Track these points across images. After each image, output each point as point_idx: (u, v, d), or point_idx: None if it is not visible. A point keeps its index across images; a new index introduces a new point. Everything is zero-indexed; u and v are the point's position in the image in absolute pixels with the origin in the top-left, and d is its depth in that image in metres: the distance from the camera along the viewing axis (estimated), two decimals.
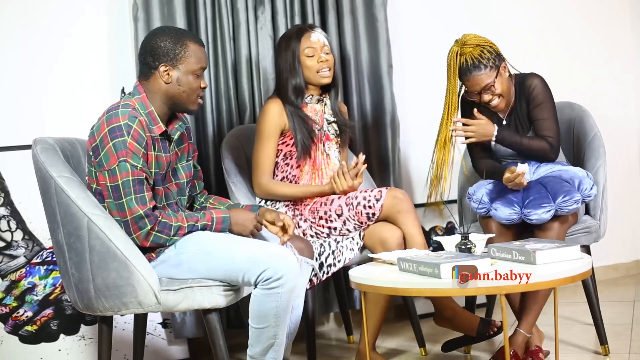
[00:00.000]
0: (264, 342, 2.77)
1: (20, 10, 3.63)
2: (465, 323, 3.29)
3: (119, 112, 2.77)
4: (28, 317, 3.50)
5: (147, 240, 2.77)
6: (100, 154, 2.75)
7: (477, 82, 3.33)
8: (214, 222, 2.86)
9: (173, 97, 2.85)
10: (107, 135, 2.74)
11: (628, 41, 4.96)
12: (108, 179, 2.74)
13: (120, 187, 2.73)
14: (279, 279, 2.71)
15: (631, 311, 4.05)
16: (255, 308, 2.76)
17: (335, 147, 3.59)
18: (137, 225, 2.75)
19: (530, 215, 3.21)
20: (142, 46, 2.87)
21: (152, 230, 2.77)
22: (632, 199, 4.94)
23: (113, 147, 2.72)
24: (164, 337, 3.71)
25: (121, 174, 2.73)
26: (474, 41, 3.35)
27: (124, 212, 2.75)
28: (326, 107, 3.58)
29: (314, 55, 3.48)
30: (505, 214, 3.26)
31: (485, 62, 3.31)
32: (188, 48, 2.83)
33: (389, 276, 2.84)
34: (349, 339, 3.98)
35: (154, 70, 2.83)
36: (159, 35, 2.85)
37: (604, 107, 4.64)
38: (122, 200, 2.74)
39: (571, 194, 3.22)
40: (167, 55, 2.82)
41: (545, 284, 2.71)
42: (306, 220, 3.40)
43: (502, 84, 3.35)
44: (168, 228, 2.79)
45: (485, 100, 3.37)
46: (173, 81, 2.83)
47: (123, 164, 2.72)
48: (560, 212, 3.22)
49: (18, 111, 3.61)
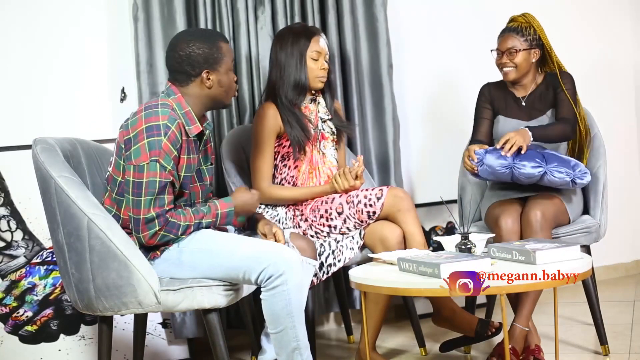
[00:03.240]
0: (287, 347, 2.75)
1: (20, 10, 3.63)
2: (464, 323, 3.29)
3: (159, 111, 2.78)
4: (28, 317, 3.50)
5: (154, 239, 2.78)
6: (132, 148, 2.75)
7: (506, 40, 3.53)
8: (218, 218, 2.87)
9: (215, 98, 2.91)
10: (143, 131, 2.74)
11: (628, 41, 4.96)
12: (133, 173, 2.74)
13: (144, 185, 2.73)
14: (280, 276, 2.71)
15: (631, 311, 4.05)
16: (267, 312, 2.75)
17: (332, 146, 3.60)
18: (146, 225, 2.75)
19: (520, 167, 3.30)
20: (174, 55, 2.87)
21: (160, 230, 2.77)
22: (632, 199, 4.94)
23: (147, 145, 2.73)
24: (164, 337, 3.71)
25: (148, 173, 2.73)
26: (531, 20, 3.55)
27: (138, 210, 2.75)
28: (320, 105, 3.59)
29: (318, 60, 3.49)
30: (496, 163, 3.34)
31: (523, 32, 3.52)
32: (221, 49, 2.88)
33: (389, 276, 2.84)
34: (349, 339, 3.99)
35: (194, 77, 2.86)
36: (191, 42, 2.86)
37: (604, 107, 4.64)
38: (141, 199, 2.74)
39: (565, 166, 3.33)
40: (207, 62, 2.85)
41: (545, 284, 2.70)
42: (307, 220, 3.40)
43: (525, 60, 3.52)
44: (176, 228, 2.79)
45: (502, 62, 3.54)
46: (215, 84, 2.88)
47: (153, 164, 2.73)
48: (547, 177, 3.30)
49: (18, 111, 3.62)
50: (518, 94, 3.61)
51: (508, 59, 3.52)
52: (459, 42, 4.50)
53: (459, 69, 4.48)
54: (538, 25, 3.55)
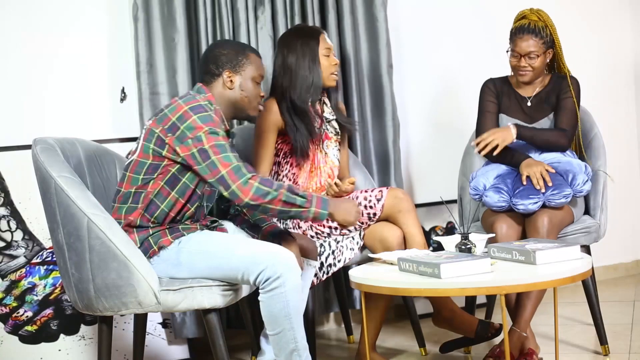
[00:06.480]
0: (285, 349, 2.75)
1: (20, 10, 3.63)
2: (464, 324, 3.29)
3: (197, 97, 2.88)
4: (28, 317, 3.50)
5: (249, 189, 2.75)
6: (181, 127, 2.77)
7: (526, 42, 3.45)
8: (313, 199, 2.84)
9: (235, 103, 2.96)
10: (188, 111, 2.79)
11: (628, 41, 4.96)
12: (192, 145, 2.76)
13: (208, 150, 2.76)
14: (278, 279, 2.71)
15: (631, 311, 4.05)
16: (265, 314, 2.76)
17: (335, 146, 3.59)
18: (235, 175, 2.75)
19: (518, 205, 3.31)
20: (204, 56, 3.00)
21: (253, 180, 2.76)
22: (632, 199, 4.94)
23: (198, 119, 2.78)
24: (164, 337, 3.71)
25: (208, 139, 2.76)
26: (545, 19, 3.50)
27: (216, 169, 2.76)
28: (325, 105, 3.58)
29: (329, 56, 3.49)
30: (494, 200, 3.35)
31: (542, 34, 3.46)
32: (249, 57, 2.98)
33: (389, 276, 2.84)
34: (349, 339, 3.98)
35: (217, 76, 2.95)
36: (222, 45, 3.01)
37: (604, 107, 4.64)
38: (212, 158, 2.76)
39: (561, 188, 3.30)
40: (230, 62, 2.95)
41: (545, 284, 2.70)
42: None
43: (542, 64, 3.49)
44: (269, 183, 2.78)
45: (520, 65, 3.48)
46: (236, 87, 2.95)
47: (211, 131, 2.77)
48: (548, 205, 3.29)
49: (18, 111, 3.62)
50: (524, 93, 3.58)
51: (527, 62, 3.46)
52: (459, 42, 4.50)
53: (459, 69, 4.48)
54: (552, 25, 3.50)
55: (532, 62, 3.46)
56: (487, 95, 3.60)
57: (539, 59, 3.47)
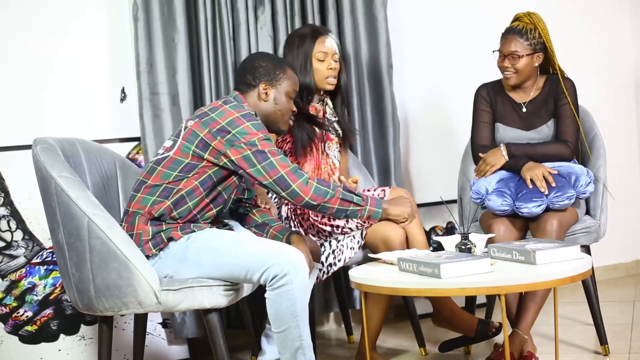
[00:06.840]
0: (290, 346, 2.76)
1: (20, 10, 3.63)
2: (464, 323, 3.29)
3: (243, 105, 2.95)
4: (28, 317, 3.50)
5: (310, 189, 2.85)
6: (232, 131, 2.82)
7: (509, 43, 3.46)
8: (368, 198, 2.97)
9: (268, 115, 3.01)
10: (240, 118, 2.85)
11: (628, 41, 4.96)
12: (246, 148, 2.82)
13: (267, 152, 2.83)
14: (284, 277, 2.72)
15: (631, 311, 4.05)
16: (271, 312, 2.76)
17: (336, 147, 3.60)
18: (294, 175, 2.84)
19: (521, 209, 3.29)
20: (242, 66, 3.05)
21: (311, 179, 2.86)
22: (632, 199, 4.94)
23: (252, 126, 2.84)
24: (164, 337, 3.71)
25: (262, 144, 2.83)
26: (536, 21, 3.49)
27: (275, 169, 2.83)
28: (327, 106, 3.58)
29: (325, 60, 3.48)
30: (497, 204, 3.34)
31: (528, 35, 3.45)
32: (286, 72, 3.04)
33: (389, 276, 2.84)
34: (349, 339, 3.98)
35: (253, 87, 3.00)
36: (261, 57, 3.06)
37: (604, 107, 4.64)
38: (271, 159, 2.83)
39: (564, 189, 3.29)
40: (267, 75, 3.00)
41: (545, 284, 2.71)
42: (308, 219, 3.39)
43: (527, 66, 3.48)
44: (326, 183, 2.89)
45: (504, 65, 3.49)
46: (270, 100, 3.00)
47: (265, 138, 2.84)
48: (552, 207, 3.29)
49: (18, 111, 3.61)
50: (518, 98, 3.56)
51: (510, 62, 3.47)
52: (459, 42, 4.50)
53: (458, 69, 4.48)
54: (543, 28, 3.48)
55: (515, 63, 3.46)
56: (481, 105, 3.60)
57: (523, 61, 3.46)
